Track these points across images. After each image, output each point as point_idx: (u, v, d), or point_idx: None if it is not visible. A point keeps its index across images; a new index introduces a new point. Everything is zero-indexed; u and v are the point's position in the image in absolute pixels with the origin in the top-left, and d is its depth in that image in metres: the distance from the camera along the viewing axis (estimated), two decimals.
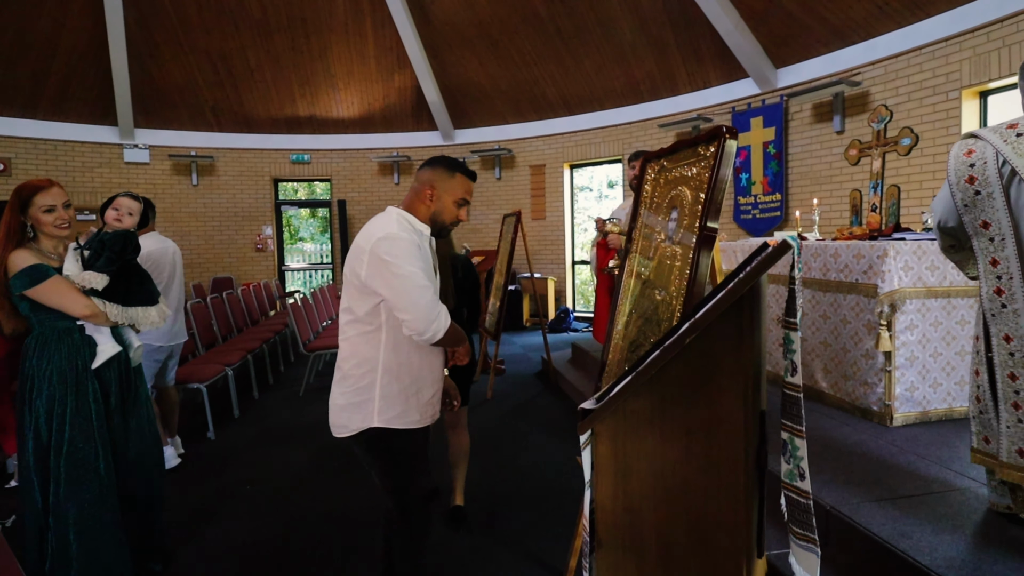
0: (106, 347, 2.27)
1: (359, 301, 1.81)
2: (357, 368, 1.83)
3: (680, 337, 1.12)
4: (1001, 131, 1.94)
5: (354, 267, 1.80)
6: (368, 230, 1.83)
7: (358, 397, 1.83)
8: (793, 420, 1.09)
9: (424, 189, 1.89)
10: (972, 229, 2.00)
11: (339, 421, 1.88)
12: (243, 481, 3.51)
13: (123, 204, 2.51)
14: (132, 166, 8.97)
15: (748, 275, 1.05)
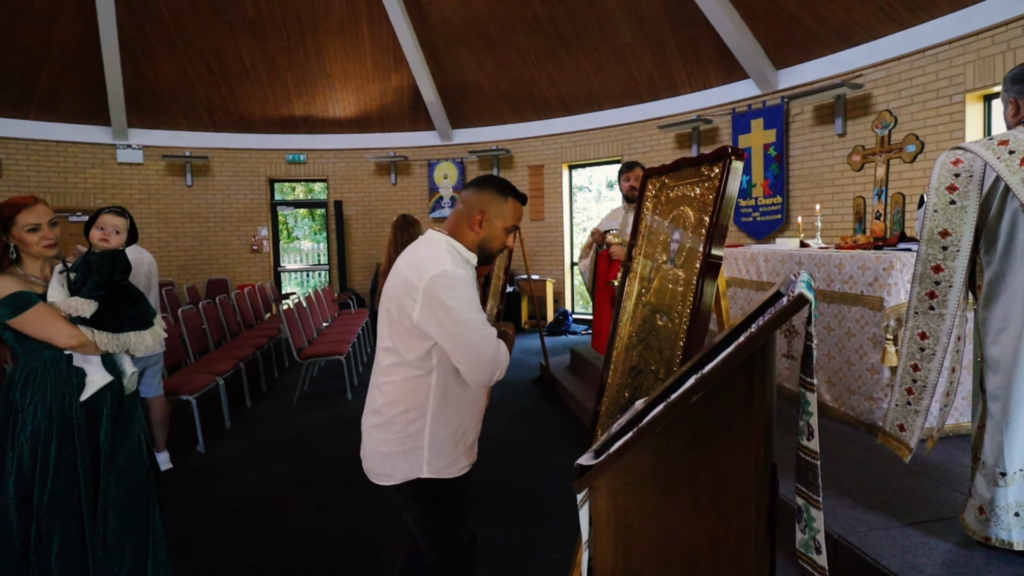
0: (95, 377, 2.14)
1: (408, 343, 1.62)
2: (404, 415, 1.65)
3: (686, 394, 1.03)
4: (993, 147, 1.94)
5: (403, 304, 1.60)
6: (417, 261, 1.63)
7: (405, 446, 1.66)
8: (809, 487, 1.01)
9: (473, 214, 1.72)
10: (928, 233, 2.03)
11: (382, 469, 1.70)
12: (233, 498, 3.43)
13: (108, 222, 2.30)
14: (125, 166, 8.86)
15: (761, 330, 0.96)
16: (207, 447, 4.19)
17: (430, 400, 1.65)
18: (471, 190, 1.77)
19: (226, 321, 6.23)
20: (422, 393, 1.65)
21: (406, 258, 1.69)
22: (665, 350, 1.92)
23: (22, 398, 2.04)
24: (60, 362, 2.09)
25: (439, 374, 1.65)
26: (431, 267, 1.59)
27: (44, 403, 2.04)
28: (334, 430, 4.57)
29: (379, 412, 1.70)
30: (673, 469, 1.17)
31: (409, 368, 1.64)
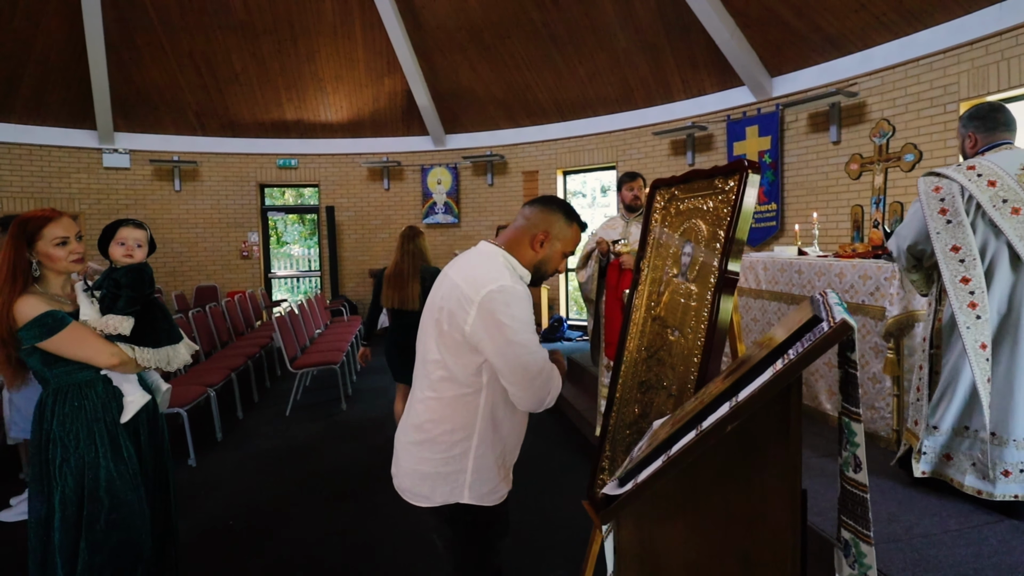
0: (135, 397, 2.06)
1: (459, 358, 1.55)
2: (449, 435, 1.58)
3: (721, 423, 0.99)
4: (963, 171, 2.31)
5: (455, 316, 1.52)
6: (472, 273, 1.57)
7: (447, 467, 1.59)
8: (858, 521, 0.96)
9: (537, 233, 1.66)
10: (942, 253, 2.30)
11: (419, 490, 1.63)
12: (225, 514, 3.34)
13: (129, 236, 2.19)
14: (112, 171, 8.70)
15: (801, 359, 0.92)
16: (198, 461, 4.09)
17: (478, 421, 1.58)
18: (536, 208, 1.71)
19: (216, 330, 6.12)
20: (471, 413, 1.58)
21: (460, 268, 1.63)
22: (678, 366, 1.87)
23: (61, 428, 1.92)
24: (96, 384, 2.00)
25: (488, 394, 1.58)
26: (488, 281, 1.52)
27: (86, 428, 1.94)
28: (329, 441, 4.48)
29: (421, 429, 1.62)
30: (702, 499, 1.12)
31: (458, 385, 1.56)
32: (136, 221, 2.27)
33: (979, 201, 2.23)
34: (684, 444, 1.04)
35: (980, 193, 2.23)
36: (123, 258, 2.15)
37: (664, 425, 1.42)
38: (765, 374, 1.00)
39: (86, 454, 1.93)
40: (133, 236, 2.19)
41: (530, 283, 1.73)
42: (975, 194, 2.25)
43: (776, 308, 4.24)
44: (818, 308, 1.11)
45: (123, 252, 2.15)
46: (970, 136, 2.44)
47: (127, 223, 2.23)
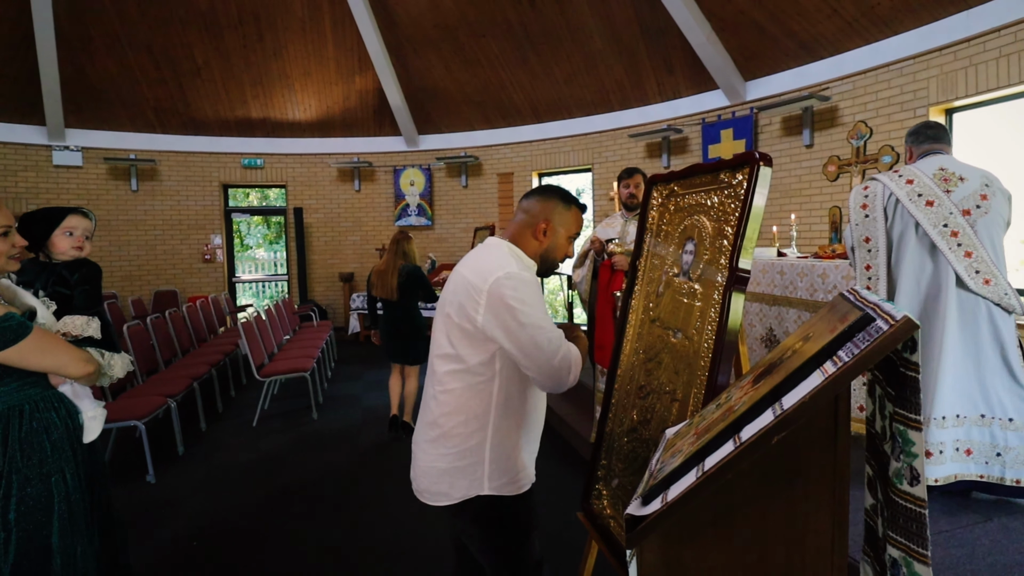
0: (97, 412, 1.81)
1: (470, 348, 1.54)
2: (464, 426, 1.56)
3: (765, 435, 0.88)
4: (889, 174, 2.71)
5: (464, 307, 1.53)
6: (478, 264, 1.58)
7: (463, 460, 1.56)
8: (912, 539, 0.87)
9: (538, 223, 1.67)
10: (856, 242, 2.73)
11: (438, 488, 1.59)
12: (187, 534, 3.10)
13: (80, 226, 1.94)
14: (62, 169, 8.24)
15: (859, 362, 0.82)
16: (158, 477, 3.82)
17: (492, 409, 1.56)
18: (534, 199, 1.72)
19: (177, 337, 5.81)
20: (483, 401, 1.56)
21: (468, 263, 1.63)
22: (682, 370, 1.78)
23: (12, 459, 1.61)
24: (52, 400, 1.71)
25: (501, 381, 1.56)
26: (494, 269, 1.53)
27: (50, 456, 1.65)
28: (299, 452, 4.27)
29: (435, 424, 1.59)
30: (738, 518, 1.01)
31: (470, 375, 1.55)
32: (83, 209, 2.02)
33: (897, 196, 2.60)
34: (723, 457, 0.94)
35: (898, 189, 2.61)
36: (71, 250, 1.92)
37: (682, 435, 1.32)
38: (811, 379, 0.91)
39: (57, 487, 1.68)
40: (83, 226, 1.96)
41: (539, 273, 1.73)
42: (894, 190, 2.62)
43: (757, 309, 4.22)
44: (858, 306, 1.02)
45: (72, 243, 1.92)
46: (908, 149, 2.89)
47: (75, 211, 1.98)
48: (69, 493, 1.72)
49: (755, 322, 4.23)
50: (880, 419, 1.04)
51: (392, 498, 3.43)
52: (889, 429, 0.96)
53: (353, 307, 8.69)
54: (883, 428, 1.02)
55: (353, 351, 7.98)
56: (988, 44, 4.54)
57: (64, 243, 1.91)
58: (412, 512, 3.21)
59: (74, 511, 1.74)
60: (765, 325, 4.09)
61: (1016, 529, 2.48)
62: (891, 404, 0.95)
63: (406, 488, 1.75)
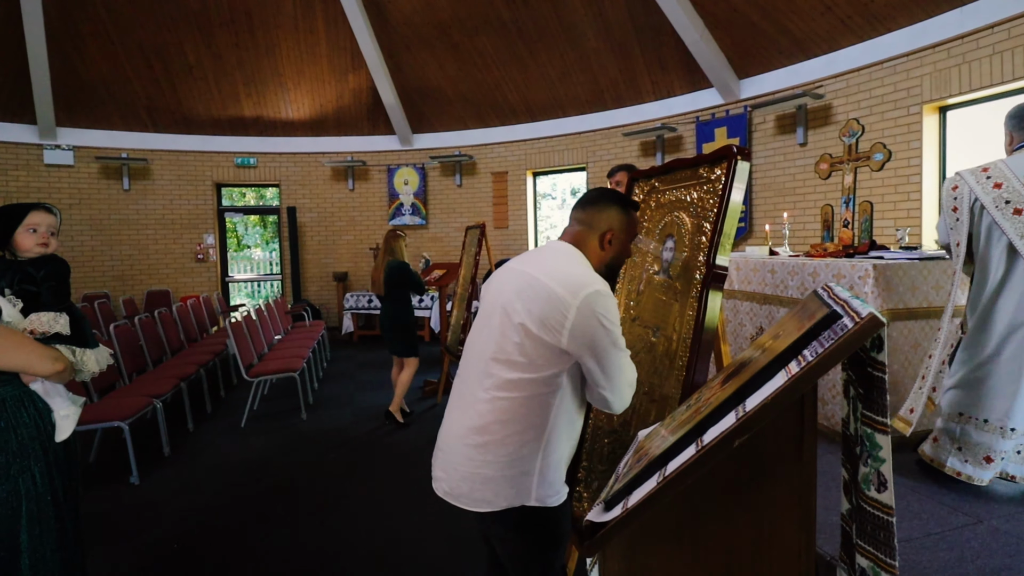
0: (70, 411, 1.77)
1: (544, 359, 1.45)
2: (520, 436, 1.48)
3: (728, 437, 0.84)
4: (976, 173, 2.61)
5: (545, 318, 1.43)
6: (560, 272, 1.48)
7: (513, 469, 1.49)
8: (880, 548, 0.83)
9: (605, 232, 1.60)
10: (954, 246, 2.74)
11: (480, 495, 1.51)
12: (170, 537, 3.06)
13: (43, 222, 1.89)
14: (53, 168, 8.18)
15: (823, 361, 0.78)
16: (142, 478, 3.77)
17: (550, 421, 1.49)
18: (592, 209, 1.64)
19: (166, 337, 5.76)
20: (544, 413, 1.48)
21: (538, 265, 1.53)
22: (661, 369, 1.74)
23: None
24: (23, 398, 1.69)
25: (563, 395, 1.49)
26: (585, 284, 1.45)
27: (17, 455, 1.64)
28: (286, 453, 4.22)
29: (486, 430, 1.50)
30: (703, 524, 0.97)
31: (536, 384, 1.47)
32: (47, 205, 1.97)
33: (983, 202, 2.52)
34: (683, 462, 0.90)
35: (984, 195, 2.51)
36: (36, 247, 1.86)
37: (653, 437, 1.28)
38: (776, 379, 0.87)
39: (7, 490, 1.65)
40: (48, 222, 1.90)
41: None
42: (979, 195, 2.54)
43: (748, 308, 4.18)
44: (828, 303, 0.98)
45: (37, 240, 1.87)
46: (1008, 134, 2.65)
47: (37, 206, 1.93)
48: (38, 493, 1.70)
49: (746, 321, 4.20)
50: (853, 421, 1.01)
51: (381, 500, 3.39)
52: (859, 431, 0.92)
53: (347, 307, 8.65)
54: (856, 430, 0.98)
55: (346, 351, 7.93)
56: (981, 41, 4.50)
57: (28, 240, 1.86)
58: (401, 514, 3.17)
59: (43, 510, 1.72)
60: (756, 324, 4.05)
61: (1006, 532, 2.45)
62: (861, 405, 0.91)
63: (395, 490, 1.70)
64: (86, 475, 3.84)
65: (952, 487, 2.86)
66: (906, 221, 5.05)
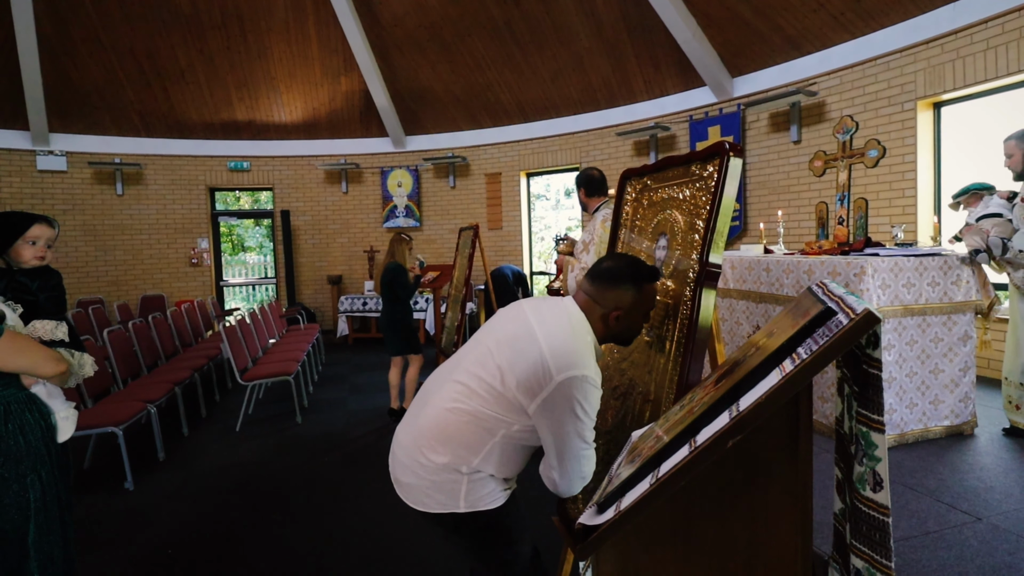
0: (69, 412, 1.82)
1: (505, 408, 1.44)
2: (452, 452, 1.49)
3: (720, 438, 0.82)
4: None
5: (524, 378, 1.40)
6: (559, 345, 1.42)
7: (441, 476, 1.51)
8: (876, 549, 0.81)
9: (609, 312, 1.52)
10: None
11: (417, 496, 1.54)
12: (164, 543, 3.02)
13: (44, 235, 1.91)
14: (47, 174, 8.14)
15: (817, 359, 0.76)
16: (136, 483, 3.74)
17: (482, 454, 1.48)
18: (603, 286, 1.54)
19: (160, 341, 5.72)
20: (478, 444, 1.48)
21: (544, 323, 1.48)
22: (655, 369, 1.72)
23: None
24: (26, 401, 1.72)
25: (506, 440, 1.48)
26: (574, 365, 1.39)
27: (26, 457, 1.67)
28: (281, 457, 4.19)
29: (431, 436, 1.51)
30: (697, 526, 0.95)
31: (487, 420, 1.46)
32: (48, 218, 1.98)
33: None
34: (676, 463, 0.88)
35: None
36: (34, 260, 1.88)
37: (646, 437, 1.26)
38: (770, 378, 0.85)
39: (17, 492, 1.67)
40: (46, 235, 1.91)
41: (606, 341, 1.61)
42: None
43: (744, 307, 4.17)
44: (823, 299, 0.96)
45: (35, 253, 1.88)
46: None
47: (40, 219, 1.94)
48: (45, 493, 1.75)
49: (742, 320, 4.18)
50: (847, 419, 0.99)
51: (375, 504, 3.36)
52: (854, 430, 0.90)
53: (341, 310, 8.61)
54: (850, 429, 0.96)
55: (341, 354, 7.89)
56: (975, 36, 4.50)
57: (27, 252, 1.88)
58: (395, 518, 3.14)
59: (50, 512, 1.77)
60: (752, 323, 4.04)
61: (1006, 530, 2.43)
62: (856, 403, 0.89)
63: (389, 494, 1.69)
64: (80, 481, 3.80)
65: (949, 485, 2.84)
66: (901, 218, 5.05)
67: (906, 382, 3.39)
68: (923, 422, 3.44)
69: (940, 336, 3.44)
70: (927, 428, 3.45)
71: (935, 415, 3.46)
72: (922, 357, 3.42)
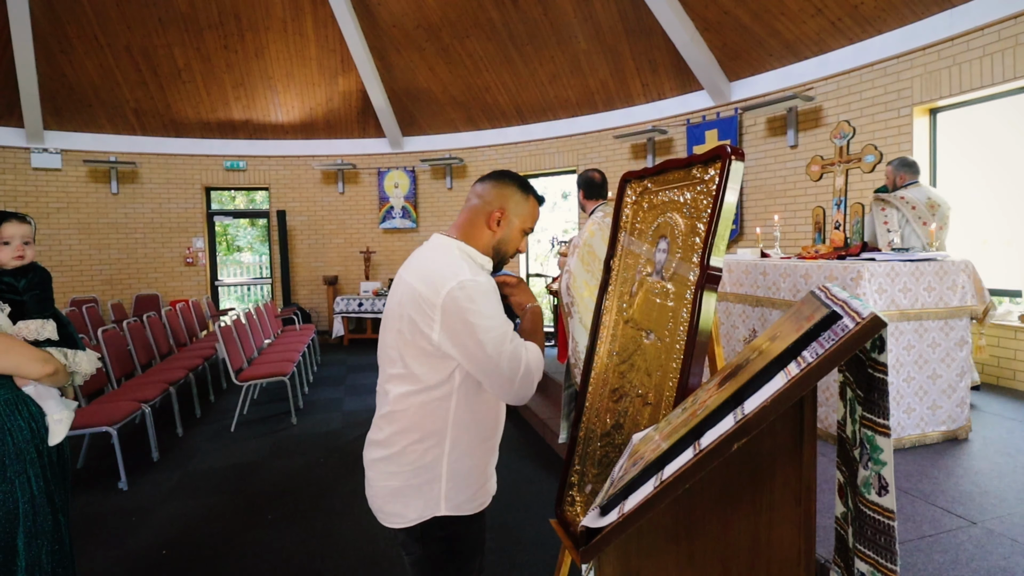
0: (63, 415, 1.79)
1: (427, 367, 1.39)
2: (419, 444, 1.42)
3: (725, 441, 0.82)
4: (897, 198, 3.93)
5: (416, 323, 1.37)
6: (426, 271, 1.40)
7: (419, 478, 1.43)
8: (880, 553, 0.81)
9: (492, 211, 1.51)
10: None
11: (392, 509, 1.46)
12: (159, 543, 3.01)
13: (15, 234, 1.87)
14: (41, 172, 8.08)
15: (824, 362, 0.76)
16: (130, 483, 3.72)
17: (449, 426, 1.42)
18: (488, 184, 1.54)
19: (155, 341, 5.69)
20: (440, 419, 1.42)
21: (413, 267, 1.45)
22: (655, 372, 1.72)
23: None
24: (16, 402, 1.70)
25: (460, 396, 1.42)
26: (446, 279, 1.35)
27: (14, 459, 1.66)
28: (277, 458, 4.17)
29: (386, 444, 1.45)
30: (699, 529, 0.95)
31: (426, 391, 1.41)
32: (19, 215, 1.94)
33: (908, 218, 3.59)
34: (681, 466, 0.87)
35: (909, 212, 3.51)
36: (12, 260, 1.85)
37: (647, 440, 1.25)
38: (775, 381, 0.85)
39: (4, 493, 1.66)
40: (20, 233, 1.87)
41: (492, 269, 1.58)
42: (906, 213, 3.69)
43: (741, 311, 4.18)
44: (827, 303, 0.96)
45: (12, 253, 1.85)
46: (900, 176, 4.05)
47: (8, 218, 1.90)
48: (34, 496, 1.72)
49: (738, 323, 4.19)
50: (851, 423, 0.99)
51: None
52: (858, 434, 0.90)
53: (337, 310, 8.58)
54: (853, 433, 0.96)
55: (336, 355, 7.87)
56: (972, 43, 4.53)
57: (4, 254, 1.85)
58: None
59: (40, 514, 1.74)
60: (748, 326, 4.04)
61: (1000, 534, 2.44)
62: (860, 407, 0.89)
63: None
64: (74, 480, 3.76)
65: (944, 489, 2.85)
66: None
67: (903, 387, 3.40)
68: (920, 427, 3.45)
69: (937, 341, 3.46)
70: (924, 433, 3.46)
71: (932, 420, 3.47)
72: (919, 362, 3.43)
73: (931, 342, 3.44)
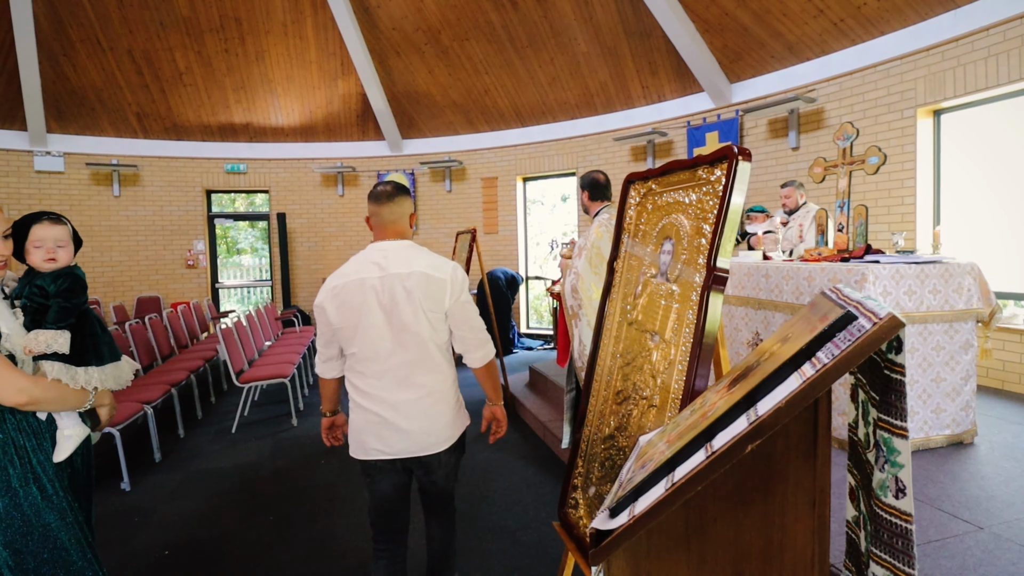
0: (74, 431, 1.70)
1: (442, 328, 2.00)
2: (452, 385, 2.06)
3: (739, 443, 0.81)
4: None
5: (432, 296, 1.93)
6: (430, 262, 1.97)
7: (458, 403, 2.09)
8: (897, 556, 0.79)
9: (413, 213, 2.12)
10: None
11: (448, 433, 2.03)
12: (160, 544, 2.99)
13: (47, 236, 1.76)
14: (44, 175, 8.09)
15: (840, 364, 0.75)
16: (133, 484, 3.71)
17: (454, 366, 2.08)
18: (397, 200, 2.07)
19: (157, 343, 5.67)
20: (451, 362, 2.06)
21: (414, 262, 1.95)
22: (660, 374, 1.70)
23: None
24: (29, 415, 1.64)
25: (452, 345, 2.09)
26: (445, 263, 2.00)
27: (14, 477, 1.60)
28: (277, 459, 4.15)
29: (433, 392, 1.99)
30: (711, 531, 0.93)
31: (443, 348, 2.02)
32: (53, 215, 1.83)
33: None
34: (693, 468, 0.86)
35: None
36: (44, 264, 1.76)
37: (655, 443, 1.24)
38: (789, 382, 0.83)
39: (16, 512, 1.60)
40: (52, 235, 1.76)
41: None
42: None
43: (743, 313, 4.16)
44: (841, 304, 0.94)
45: (43, 256, 1.75)
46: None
47: (40, 218, 1.79)
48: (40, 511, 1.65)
49: (741, 326, 4.17)
50: (863, 425, 0.97)
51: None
52: (873, 437, 0.88)
53: None
54: (866, 435, 0.94)
55: None
56: (976, 44, 4.52)
57: (35, 256, 1.76)
58: None
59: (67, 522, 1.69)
60: (751, 329, 4.03)
61: (1008, 539, 2.42)
62: (875, 410, 0.87)
63: None
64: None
65: (950, 494, 2.83)
66: (901, 225, 5.06)
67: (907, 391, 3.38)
68: (924, 431, 3.43)
69: (942, 344, 3.44)
70: (928, 437, 3.44)
71: (936, 424, 3.45)
72: (924, 365, 3.41)
73: (935, 345, 3.42)
